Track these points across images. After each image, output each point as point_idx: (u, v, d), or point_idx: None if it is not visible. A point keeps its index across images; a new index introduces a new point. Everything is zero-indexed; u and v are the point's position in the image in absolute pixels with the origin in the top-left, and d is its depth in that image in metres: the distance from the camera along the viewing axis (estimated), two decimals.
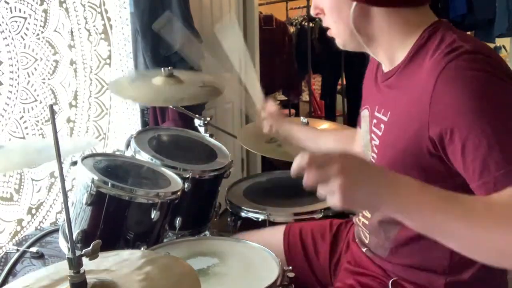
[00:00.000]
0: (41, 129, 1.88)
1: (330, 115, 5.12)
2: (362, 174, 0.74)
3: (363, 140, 1.17)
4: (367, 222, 1.14)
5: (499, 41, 4.37)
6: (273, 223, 1.58)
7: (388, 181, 0.74)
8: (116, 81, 1.92)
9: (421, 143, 0.91)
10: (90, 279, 0.77)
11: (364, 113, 1.16)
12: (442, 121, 0.86)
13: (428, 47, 0.94)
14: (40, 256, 1.46)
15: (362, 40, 1.01)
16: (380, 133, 1.04)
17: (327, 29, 1.06)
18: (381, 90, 1.07)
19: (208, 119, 1.87)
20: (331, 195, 0.73)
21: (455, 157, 0.85)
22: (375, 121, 1.07)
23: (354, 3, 0.97)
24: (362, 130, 1.19)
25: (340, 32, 1.04)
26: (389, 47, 1.02)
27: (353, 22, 0.99)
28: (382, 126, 1.03)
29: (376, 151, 1.07)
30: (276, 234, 1.39)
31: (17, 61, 1.78)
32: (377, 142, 1.06)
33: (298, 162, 0.75)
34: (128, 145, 1.63)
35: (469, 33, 3.52)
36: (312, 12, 1.06)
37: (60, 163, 0.74)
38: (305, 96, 5.53)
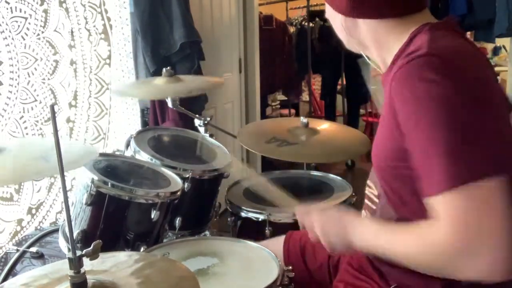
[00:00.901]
0: (40, 129, 1.88)
1: (330, 115, 5.12)
2: (332, 229, 1.03)
3: None
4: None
5: (499, 41, 4.37)
6: (273, 223, 1.58)
7: (347, 226, 1.01)
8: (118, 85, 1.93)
9: (395, 137, 0.93)
10: (90, 279, 0.77)
11: None
12: (396, 117, 0.90)
13: (405, 50, 0.96)
14: (40, 256, 1.46)
15: (357, 45, 1.08)
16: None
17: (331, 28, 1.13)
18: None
19: (208, 119, 1.87)
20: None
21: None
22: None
23: (340, 16, 1.04)
24: None
25: (342, 37, 1.10)
26: (380, 53, 1.05)
27: (345, 30, 1.05)
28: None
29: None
30: (277, 242, 1.39)
31: (17, 61, 1.78)
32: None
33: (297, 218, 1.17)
34: (128, 145, 1.63)
35: (469, 33, 3.52)
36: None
37: (60, 163, 0.74)
38: (305, 96, 5.54)
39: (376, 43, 1.04)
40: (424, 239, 0.86)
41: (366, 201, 1.15)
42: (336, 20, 1.06)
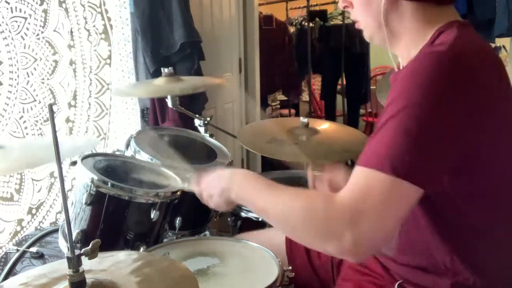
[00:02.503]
0: (40, 129, 1.88)
1: (330, 115, 5.12)
2: (214, 187, 1.10)
3: None
4: None
5: (499, 41, 4.36)
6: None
7: (227, 184, 1.06)
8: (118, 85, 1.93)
9: None
10: (89, 278, 0.77)
11: None
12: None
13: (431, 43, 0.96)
14: (40, 256, 1.46)
15: (387, 35, 1.03)
16: None
17: (354, 22, 1.09)
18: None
19: (208, 119, 1.87)
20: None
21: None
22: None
23: None
24: None
25: (369, 25, 1.06)
26: (407, 44, 1.03)
27: (383, 15, 1.01)
28: None
29: None
30: (278, 234, 1.39)
31: (17, 61, 1.78)
32: None
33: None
34: (128, 145, 1.63)
35: None
36: (340, 5, 1.09)
37: (59, 163, 0.74)
38: (305, 96, 5.53)
39: (409, 33, 1.01)
40: (316, 195, 0.95)
41: None
42: (372, 4, 1.02)
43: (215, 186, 1.10)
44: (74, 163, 1.33)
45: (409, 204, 0.85)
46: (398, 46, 1.05)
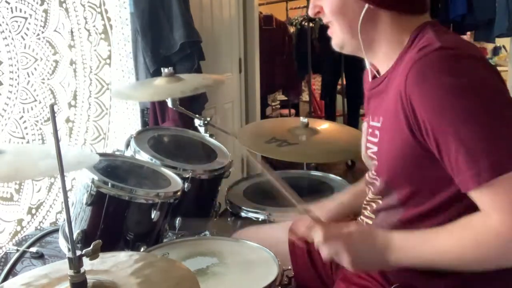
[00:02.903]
0: (40, 129, 1.88)
1: (330, 115, 5.12)
2: (362, 250, 0.96)
3: (362, 152, 1.17)
4: (370, 222, 1.14)
5: (499, 41, 4.37)
6: (273, 223, 1.58)
7: (381, 248, 0.95)
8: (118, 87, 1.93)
9: (409, 139, 0.93)
10: (90, 279, 0.77)
11: (363, 126, 1.16)
12: (414, 116, 0.89)
13: (412, 47, 0.96)
14: (40, 256, 1.46)
15: (362, 43, 1.02)
16: (376, 140, 1.04)
17: (327, 27, 1.07)
18: (374, 98, 1.08)
19: (208, 119, 1.87)
20: (346, 266, 0.97)
21: (434, 151, 0.89)
22: (370, 130, 1.07)
23: (366, 5, 0.98)
24: (362, 142, 1.19)
25: (342, 32, 1.04)
26: (386, 52, 1.03)
27: (361, 23, 1.00)
28: (377, 132, 1.04)
29: (376, 157, 1.06)
30: (278, 232, 1.39)
31: (17, 61, 1.78)
32: (375, 149, 1.05)
33: (316, 241, 1.01)
34: (128, 145, 1.63)
35: (469, 33, 3.52)
36: (311, 12, 1.06)
37: (60, 163, 0.74)
38: (305, 96, 5.53)
39: (386, 41, 1.02)
40: (477, 233, 0.85)
41: (366, 205, 1.15)
42: (348, 12, 1.00)
43: (363, 244, 0.97)
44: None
45: None
46: (375, 54, 1.05)
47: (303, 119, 1.76)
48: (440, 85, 0.85)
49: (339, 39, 1.06)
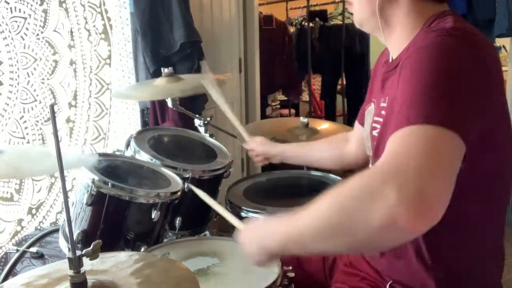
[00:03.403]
0: (40, 129, 1.88)
1: (330, 115, 5.12)
2: (250, 240, 0.95)
3: (365, 134, 1.18)
4: None
5: (499, 41, 4.36)
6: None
7: (262, 234, 0.92)
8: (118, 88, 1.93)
9: None
10: (90, 279, 0.77)
11: (370, 108, 1.16)
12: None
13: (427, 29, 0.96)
14: (40, 256, 1.46)
15: (380, 22, 1.03)
16: (382, 120, 1.05)
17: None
18: (387, 80, 1.08)
19: (208, 119, 1.87)
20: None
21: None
22: (378, 111, 1.08)
23: None
24: (365, 124, 1.20)
25: (362, 10, 1.05)
26: (400, 35, 1.03)
27: (379, 3, 1.01)
28: (383, 112, 1.04)
29: (378, 137, 1.06)
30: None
31: (17, 61, 1.78)
32: (379, 128, 1.05)
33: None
34: (128, 145, 1.63)
35: None
36: None
37: (60, 163, 0.74)
38: (305, 96, 5.53)
39: (402, 24, 1.02)
40: (362, 176, 0.77)
41: None
42: None
43: (252, 235, 0.96)
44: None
45: (455, 157, 0.76)
46: (391, 37, 1.05)
47: (303, 119, 1.76)
48: (427, 61, 0.84)
49: (359, 17, 1.07)
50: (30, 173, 1.23)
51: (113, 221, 1.31)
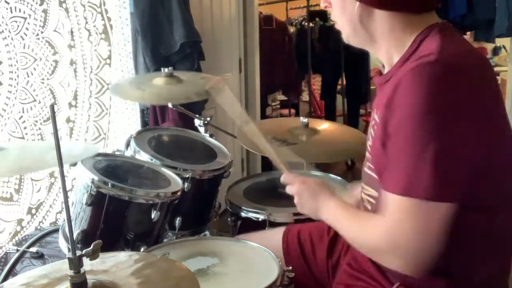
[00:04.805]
0: (39, 129, 1.88)
1: (330, 115, 5.12)
2: (307, 198, 1.19)
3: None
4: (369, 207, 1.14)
5: (499, 41, 4.36)
6: (273, 223, 1.58)
7: (318, 204, 1.16)
8: (117, 84, 1.93)
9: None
10: (90, 279, 0.77)
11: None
12: (389, 119, 0.94)
13: (415, 53, 0.97)
14: (40, 256, 1.46)
15: (365, 38, 1.05)
16: (373, 134, 1.05)
17: (327, 27, 1.11)
18: (380, 92, 1.08)
19: (208, 119, 1.87)
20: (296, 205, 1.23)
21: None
22: (373, 122, 1.08)
23: (357, 3, 1.00)
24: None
25: (344, 27, 1.07)
26: (388, 49, 1.04)
27: (358, 19, 1.02)
28: (375, 127, 1.04)
29: (369, 150, 1.07)
30: (275, 236, 1.39)
31: (17, 61, 1.78)
32: (370, 142, 1.07)
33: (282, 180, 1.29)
34: (128, 145, 1.63)
35: (469, 33, 3.52)
36: (322, 4, 1.11)
37: (60, 163, 0.74)
38: (305, 96, 5.53)
39: (387, 38, 1.02)
40: (366, 228, 1.01)
41: (363, 203, 1.15)
42: (347, 8, 1.03)
43: (310, 199, 1.19)
44: (74, 164, 1.33)
45: (443, 222, 0.90)
46: (379, 50, 1.06)
47: (303, 119, 1.76)
48: (415, 100, 0.89)
49: (344, 33, 1.09)
50: (33, 168, 1.23)
51: (113, 221, 1.31)
